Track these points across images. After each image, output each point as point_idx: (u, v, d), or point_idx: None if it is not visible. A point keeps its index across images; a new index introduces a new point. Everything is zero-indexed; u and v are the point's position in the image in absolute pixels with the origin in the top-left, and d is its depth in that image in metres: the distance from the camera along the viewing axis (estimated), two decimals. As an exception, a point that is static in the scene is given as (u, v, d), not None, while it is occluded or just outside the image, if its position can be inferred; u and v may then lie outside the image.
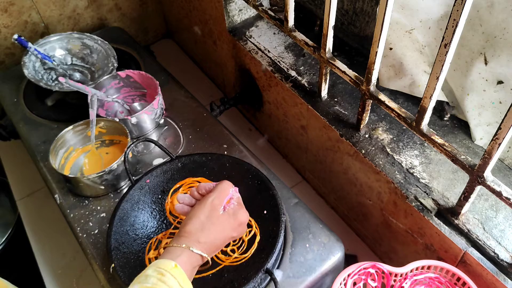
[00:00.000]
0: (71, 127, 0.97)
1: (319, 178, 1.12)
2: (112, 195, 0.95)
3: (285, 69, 1.05)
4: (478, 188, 0.68)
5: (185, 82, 1.24)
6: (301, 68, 1.05)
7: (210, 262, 0.67)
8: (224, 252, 0.80)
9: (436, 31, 0.84)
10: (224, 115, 1.28)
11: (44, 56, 1.16)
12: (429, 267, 0.77)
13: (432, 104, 0.68)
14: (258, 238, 0.80)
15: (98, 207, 0.93)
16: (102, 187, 0.93)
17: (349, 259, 0.98)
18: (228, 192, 0.69)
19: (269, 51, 1.10)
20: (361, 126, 0.90)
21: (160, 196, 0.89)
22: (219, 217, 0.66)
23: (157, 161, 1.01)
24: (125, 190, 0.94)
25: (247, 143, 1.07)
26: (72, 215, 0.92)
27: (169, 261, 0.60)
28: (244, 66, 1.18)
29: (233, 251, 0.80)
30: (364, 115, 0.87)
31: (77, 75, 1.18)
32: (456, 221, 0.75)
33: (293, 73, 1.04)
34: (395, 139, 0.89)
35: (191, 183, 0.90)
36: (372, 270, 0.77)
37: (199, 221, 0.65)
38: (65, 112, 1.14)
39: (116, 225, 0.81)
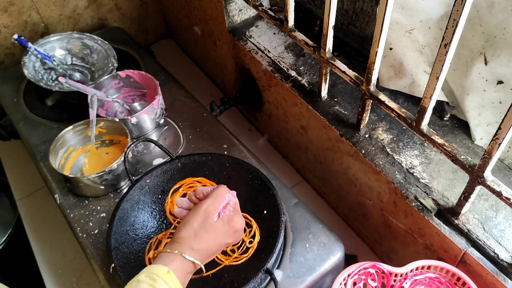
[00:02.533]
0: (71, 127, 0.97)
1: (319, 178, 1.12)
2: (112, 195, 0.95)
3: (285, 69, 1.05)
4: (478, 188, 0.68)
5: (185, 82, 1.24)
6: (301, 68, 1.05)
7: (204, 270, 0.66)
8: (224, 252, 0.80)
9: (436, 31, 0.84)
10: (224, 115, 1.28)
11: (44, 56, 1.16)
12: (429, 267, 0.77)
13: (432, 104, 0.68)
14: (258, 238, 0.80)
15: (98, 207, 0.93)
16: (102, 187, 0.93)
17: (349, 259, 0.98)
18: (224, 198, 0.67)
19: (269, 51, 1.10)
20: (361, 126, 0.90)
21: (160, 196, 0.89)
22: (213, 225, 0.65)
23: (157, 161, 1.01)
24: (125, 190, 0.94)
25: (247, 143, 1.07)
26: (72, 215, 0.92)
27: (162, 266, 0.59)
28: (244, 66, 1.18)
29: (233, 251, 0.80)
30: (364, 115, 0.87)
31: (77, 75, 1.18)
32: (456, 221, 0.75)
33: (293, 73, 1.04)
34: (395, 139, 0.89)
35: (191, 183, 0.90)
36: (372, 270, 0.77)
37: (192, 228, 0.64)
38: (65, 112, 1.14)
39: (116, 225, 0.81)
